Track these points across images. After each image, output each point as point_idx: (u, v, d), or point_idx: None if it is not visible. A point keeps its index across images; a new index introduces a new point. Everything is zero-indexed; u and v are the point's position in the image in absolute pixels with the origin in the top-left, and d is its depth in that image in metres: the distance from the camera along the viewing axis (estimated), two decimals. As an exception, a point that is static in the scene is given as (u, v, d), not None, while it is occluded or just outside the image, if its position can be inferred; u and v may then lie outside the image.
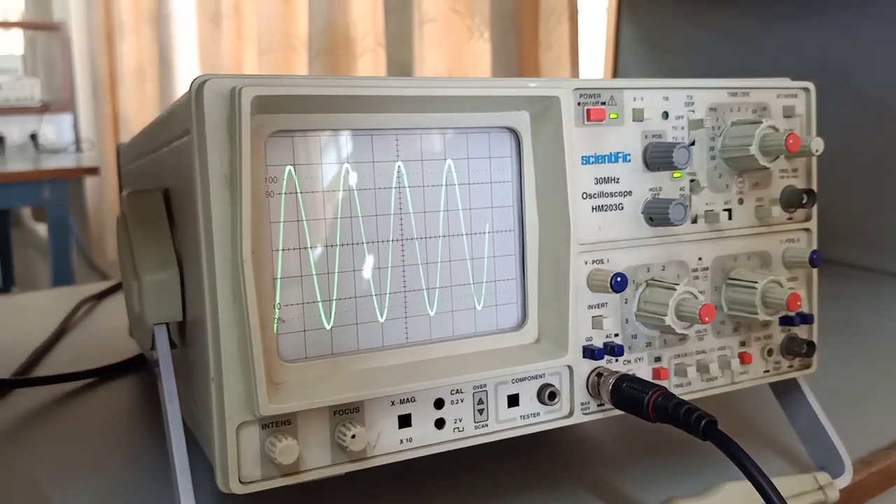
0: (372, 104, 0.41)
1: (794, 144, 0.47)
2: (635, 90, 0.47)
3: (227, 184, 0.38)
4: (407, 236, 0.44)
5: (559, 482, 0.54)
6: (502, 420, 0.45)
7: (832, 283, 0.96)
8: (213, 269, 0.38)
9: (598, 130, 0.46)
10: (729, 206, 0.51)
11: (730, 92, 0.50)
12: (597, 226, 0.47)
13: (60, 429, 0.65)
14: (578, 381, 0.47)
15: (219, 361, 0.38)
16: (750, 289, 0.49)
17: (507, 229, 0.47)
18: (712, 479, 0.48)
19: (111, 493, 0.53)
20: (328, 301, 0.42)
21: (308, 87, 0.39)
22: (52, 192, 2.57)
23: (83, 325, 0.98)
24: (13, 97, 3.12)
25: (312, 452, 0.41)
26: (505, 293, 0.47)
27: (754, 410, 0.64)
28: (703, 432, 0.40)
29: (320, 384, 0.41)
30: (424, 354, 0.44)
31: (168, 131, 0.47)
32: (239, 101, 0.37)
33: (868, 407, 0.66)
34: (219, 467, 0.39)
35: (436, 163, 0.44)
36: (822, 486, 0.51)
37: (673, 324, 0.46)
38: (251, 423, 0.39)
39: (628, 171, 0.47)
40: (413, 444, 0.43)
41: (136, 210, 0.47)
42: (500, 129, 0.46)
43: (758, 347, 0.52)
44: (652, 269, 0.49)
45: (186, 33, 2.65)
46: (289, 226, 0.41)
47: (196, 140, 0.38)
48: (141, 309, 0.45)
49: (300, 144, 0.41)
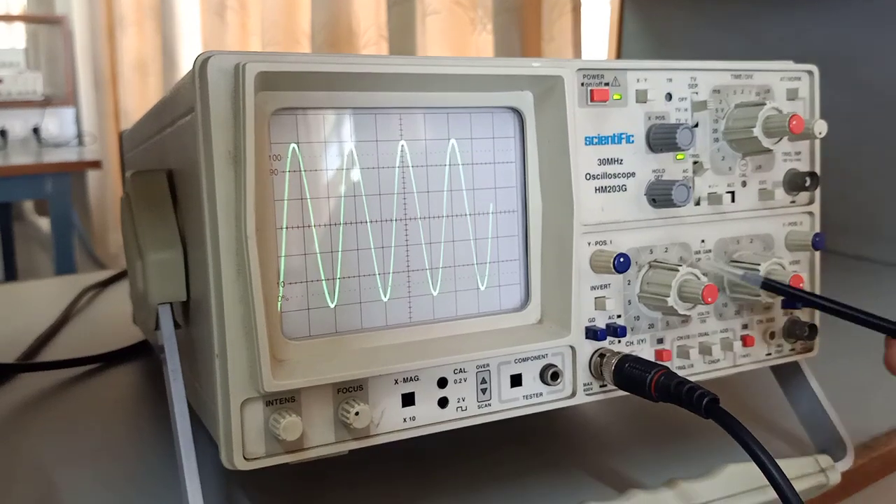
0: (375, 82, 0.42)
1: (797, 126, 0.47)
2: (639, 71, 0.47)
3: (231, 160, 0.38)
4: (410, 216, 0.44)
5: (562, 464, 0.54)
6: (505, 400, 0.45)
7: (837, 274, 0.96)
8: (217, 246, 0.38)
9: (602, 111, 0.46)
10: (732, 189, 0.51)
11: (733, 74, 0.50)
12: (600, 207, 0.47)
13: (65, 413, 0.65)
14: (581, 361, 0.47)
15: (223, 338, 0.38)
16: (753, 271, 0.49)
17: (510, 210, 0.47)
18: (714, 462, 0.49)
19: (116, 476, 0.53)
20: (332, 279, 0.42)
21: (312, 63, 0.39)
22: (54, 185, 2.57)
23: (87, 312, 0.98)
24: (15, 91, 3.12)
25: (316, 429, 0.41)
26: (508, 273, 0.47)
27: (756, 394, 0.64)
28: (705, 410, 0.40)
29: (324, 362, 0.41)
30: (428, 334, 0.44)
31: (172, 111, 0.47)
32: (243, 76, 0.37)
33: (870, 394, 0.66)
34: (223, 444, 0.39)
35: (439, 142, 0.44)
36: (823, 469, 0.51)
37: (676, 305, 0.46)
38: (255, 399, 0.39)
39: (632, 153, 0.47)
40: (416, 423, 0.43)
41: (139, 190, 0.48)
42: (504, 110, 0.46)
43: (760, 330, 0.53)
44: (655, 251, 0.49)
45: (190, 26, 2.64)
46: (292, 204, 0.41)
47: (200, 117, 0.38)
48: (145, 288, 0.45)
49: (304, 122, 0.41)
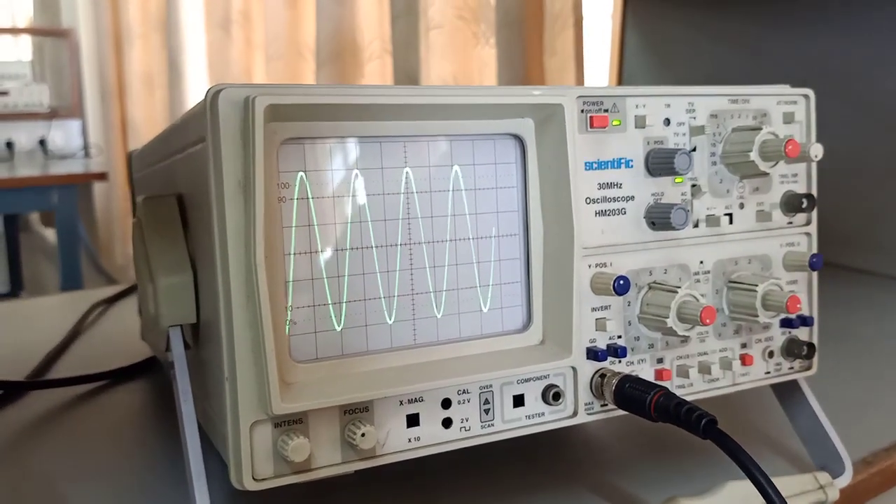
0: (380, 112, 0.43)
1: (792, 150, 0.48)
2: (637, 97, 0.49)
3: (240, 189, 0.39)
4: (415, 240, 0.45)
5: (563, 482, 0.55)
6: (508, 420, 0.46)
7: (838, 288, 0.97)
8: (227, 272, 0.39)
9: (601, 137, 0.48)
10: (730, 211, 0.52)
11: (730, 99, 0.51)
12: (600, 230, 0.48)
13: (74, 430, 0.66)
14: (582, 381, 0.48)
15: (233, 362, 0.40)
16: (750, 291, 0.50)
17: (512, 233, 0.48)
18: (714, 479, 0.49)
19: (126, 493, 0.54)
20: (338, 303, 0.43)
21: (319, 95, 0.40)
22: (60, 197, 2.59)
23: (95, 328, 0.99)
24: (22, 103, 3.14)
25: (323, 450, 0.42)
26: (510, 296, 0.48)
27: (757, 412, 0.64)
28: (703, 431, 0.41)
29: (331, 384, 0.42)
30: (432, 355, 0.45)
31: (182, 139, 0.49)
32: (253, 109, 0.38)
33: (870, 409, 0.67)
34: (232, 465, 0.40)
35: (443, 169, 0.46)
36: (822, 486, 0.52)
37: (675, 326, 0.47)
38: (264, 421, 0.40)
39: (631, 177, 0.49)
40: (421, 443, 0.44)
41: (151, 215, 0.49)
42: (506, 136, 0.47)
43: (759, 349, 0.53)
44: (654, 273, 0.50)
45: (195, 40, 2.67)
46: (300, 230, 0.42)
47: (211, 147, 0.39)
48: (156, 311, 0.46)
49: (311, 151, 0.42)
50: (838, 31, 1.18)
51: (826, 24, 1.19)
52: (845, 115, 1.11)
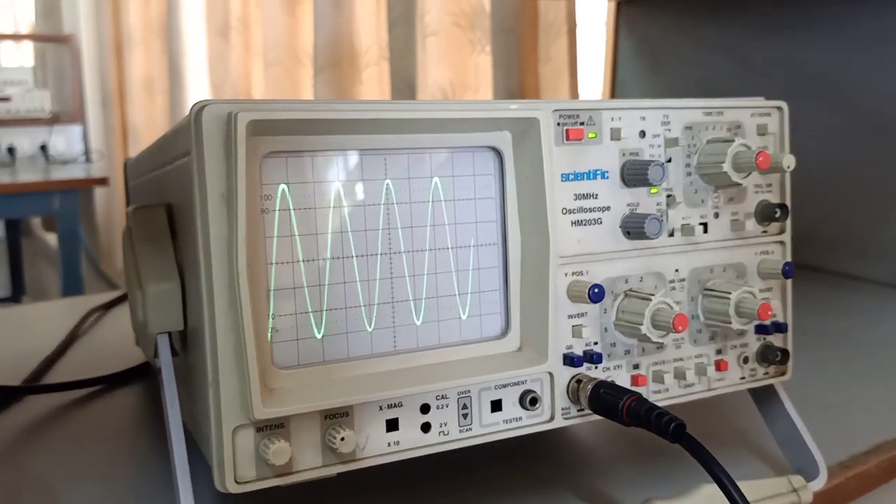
0: (361, 127, 0.44)
1: (763, 162, 0.49)
2: (613, 111, 0.50)
3: (224, 201, 0.40)
4: (395, 250, 0.46)
5: (544, 483, 0.56)
6: (486, 424, 0.48)
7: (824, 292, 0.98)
8: (210, 280, 0.41)
9: (577, 149, 0.49)
10: (705, 220, 0.53)
11: (705, 112, 0.53)
12: (576, 239, 0.49)
13: (70, 434, 0.67)
14: (559, 387, 0.49)
15: (216, 367, 0.41)
16: (724, 299, 0.52)
17: (490, 243, 0.49)
18: (690, 482, 0.50)
19: (118, 495, 0.56)
20: (319, 311, 0.44)
21: (300, 111, 0.42)
22: (61, 202, 2.61)
23: (91, 334, 1.01)
24: (23, 108, 3.16)
25: (304, 454, 0.43)
26: (489, 303, 0.49)
27: (739, 416, 0.66)
28: (672, 435, 0.42)
29: (312, 390, 0.43)
30: (411, 362, 0.47)
31: (171, 151, 0.50)
32: (235, 125, 0.39)
33: (852, 413, 0.68)
34: (216, 468, 0.42)
35: (423, 180, 0.47)
36: (795, 489, 0.53)
37: (649, 332, 0.49)
38: (246, 426, 0.42)
39: (606, 188, 0.50)
40: (400, 447, 0.45)
41: (140, 224, 0.50)
42: (484, 149, 0.48)
43: (734, 355, 0.55)
44: (630, 281, 0.51)
45: (195, 46, 2.69)
46: (282, 241, 0.43)
47: (195, 160, 0.41)
48: (145, 318, 0.48)
49: (293, 164, 0.43)
50: (829, 37, 1.19)
51: (817, 29, 1.20)
52: (834, 122, 1.12)
